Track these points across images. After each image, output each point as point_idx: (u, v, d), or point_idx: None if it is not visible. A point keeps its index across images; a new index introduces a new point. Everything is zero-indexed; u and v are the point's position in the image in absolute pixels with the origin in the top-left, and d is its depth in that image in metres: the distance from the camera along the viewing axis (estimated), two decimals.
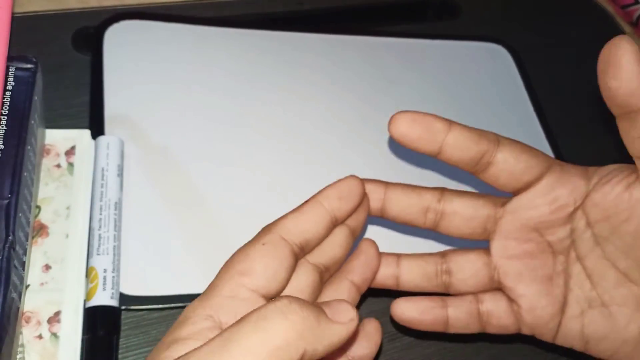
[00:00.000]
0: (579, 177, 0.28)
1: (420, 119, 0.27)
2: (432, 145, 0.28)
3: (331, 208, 0.27)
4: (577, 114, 0.46)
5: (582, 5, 0.54)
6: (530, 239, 0.29)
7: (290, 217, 0.27)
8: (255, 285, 0.25)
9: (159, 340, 0.32)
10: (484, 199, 0.30)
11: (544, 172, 0.28)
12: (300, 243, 0.26)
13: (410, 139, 0.28)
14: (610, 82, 0.25)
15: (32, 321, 0.31)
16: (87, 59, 0.40)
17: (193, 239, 0.35)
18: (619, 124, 0.26)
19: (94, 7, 0.44)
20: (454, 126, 0.28)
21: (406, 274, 0.31)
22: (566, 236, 0.29)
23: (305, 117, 0.41)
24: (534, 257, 0.29)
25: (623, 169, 0.27)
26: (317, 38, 0.45)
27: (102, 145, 0.35)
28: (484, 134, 0.28)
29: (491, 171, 0.28)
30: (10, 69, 0.32)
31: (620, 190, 0.27)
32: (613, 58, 0.24)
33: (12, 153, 0.30)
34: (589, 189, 0.28)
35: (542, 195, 0.29)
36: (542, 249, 0.29)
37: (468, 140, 0.28)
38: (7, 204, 0.28)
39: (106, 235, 0.32)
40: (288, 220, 0.27)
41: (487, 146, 0.28)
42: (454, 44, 0.48)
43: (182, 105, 0.40)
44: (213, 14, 0.45)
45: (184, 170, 0.37)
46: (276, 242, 0.26)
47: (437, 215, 0.30)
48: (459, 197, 0.30)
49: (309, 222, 0.27)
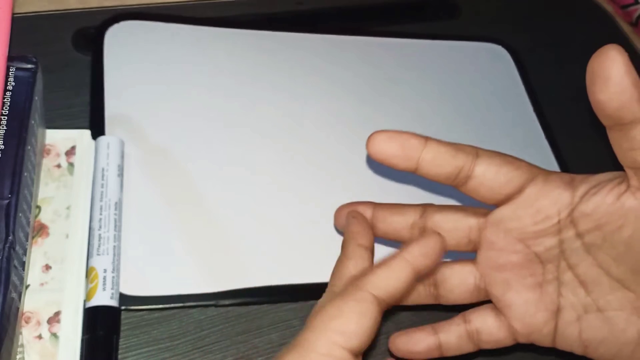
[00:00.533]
0: (564, 187, 0.28)
1: (395, 137, 0.28)
2: (408, 162, 0.28)
3: (416, 265, 0.27)
4: (577, 114, 0.46)
5: (582, 6, 0.54)
6: (516, 250, 0.29)
7: (379, 273, 0.27)
8: (350, 345, 0.25)
9: (158, 340, 0.32)
10: (466, 211, 0.31)
11: (526, 183, 0.28)
12: (387, 300, 0.27)
13: (386, 156, 0.28)
14: (598, 95, 0.24)
15: (32, 321, 0.31)
16: (88, 59, 0.40)
17: (193, 239, 0.35)
18: (610, 134, 0.26)
19: (94, 8, 0.44)
20: (430, 142, 0.28)
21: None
22: (554, 246, 0.29)
23: (305, 117, 0.41)
24: (522, 266, 0.29)
25: (613, 177, 0.27)
26: (316, 38, 0.45)
27: (103, 145, 0.35)
28: (461, 148, 0.29)
29: (470, 185, 0.29)
30: (11, 69, 0.32)
31: (611, 200, 0.26)
32: (601, 70, 0.24)
33: (12, 153, 0.30)
34: (575, 200, 0.28)
35: (524, 207, 0.29)
36: (529, 259, 0.29)
37: (444, 154, 0.28)
38: (7, 204, 0.28)
39: (106, 235, 0.32)
40: (377, 277, 0.27)
41: (464, 161, 0.28)
42: (453, 44, 0.48)
43: (182, 106, 0.40)
44: (213, 14, 0.45)
45: (184, 170, 0.37)
46: (369, 301, 0.26)
47: (421, 230, 0.31)
48: (441, 212, 0.31)
49: (397, 280, 0.27)
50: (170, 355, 0.32)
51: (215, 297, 0.33)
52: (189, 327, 0.33)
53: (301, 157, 0.39)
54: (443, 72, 0.46)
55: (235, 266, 0.35)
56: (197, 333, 0.33)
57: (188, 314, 0.33)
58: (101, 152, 0.35)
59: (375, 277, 0.27)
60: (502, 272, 0.30)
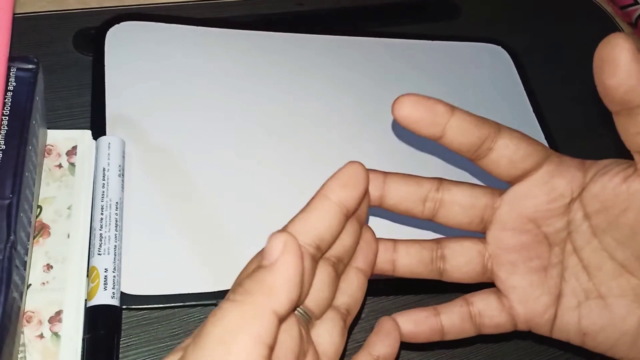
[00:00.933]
0: (576, 168, 0.29)
1: (423, 102, 0.27)
2: (434, 128, 0.28)
3: (339, 199, 0.26)
4: (576, 115, 0.46)
5: (581, 6, 0.54)
6: (527, 230, 0.29)
7: (299, 218, 0.26)
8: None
9: (159, 339, 0.32)
10: (482, 189, 0.30)
11: (542, 161, 0.29)
12: (314, 243, 0.25)
13: (413, 120, 0.27)
14: (607, 80, 0.25)
15: (33, 321, 0.31)
16: (89, 60, 0.40)
17: (194, 238, 0.35)
18: (617, 120, 0.26)
19: (94, 8, 0.44)
20: (457, 110, 0.28)
21: (402, 259, 0.31)
22: (563, 228, 0.29)
23: (305, 117, 0.41)
24: (530, 248, 0.30)
25: (620, 163, 0.28)
26: (316, 39, 0.45)
27: (104, 145, 0.35)
28: (485, 120, 0.28)
29: (492, 157, 0.28)
30: (12, 70, 0.32)
31: (618, 182, 0.27)
32: (609, 55, 0.24)
33: (13, 153, 0.30)
34: (586, 181, 0.28)
35: (540, 184, 0.29)
36: (538, 240, 0.30)
37: (470, 124, 0.28)
38: (9, 203, 0.28)
39: (107, 235, 0.32)
40: (297, 222, 0.25)
41: (488, 131, 0.28)
42: (453, 44, 0.48)
43: (183, 106, 0.40)
44: (213, 15, 0.45)
45: (185, 170, 0.37)
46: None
47: (435, 204, 0.30)
48: (457, 186, 0.30)
49: (319, 220, 0.25)
50: None
51: (216, 296, 0.33)
52: (189, 326, 0.33)
53: (301, 156, 0.39)
54: (443, 73, 0.46)
55: (235, 265, 0.34)
56: None
57: (188, 313, 0.33)
58: (102, 152, 0.35)
59: (296, 222, 0.25)
60: (510, 253, 0.30)
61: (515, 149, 0.28)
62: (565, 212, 0.29)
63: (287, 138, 0.40)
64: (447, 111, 0.28)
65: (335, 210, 0.26)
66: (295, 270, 0.21)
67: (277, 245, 0.22)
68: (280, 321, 0.21)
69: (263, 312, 0.21)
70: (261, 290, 0.21)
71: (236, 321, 0.20)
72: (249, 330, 0.20)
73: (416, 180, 0.30)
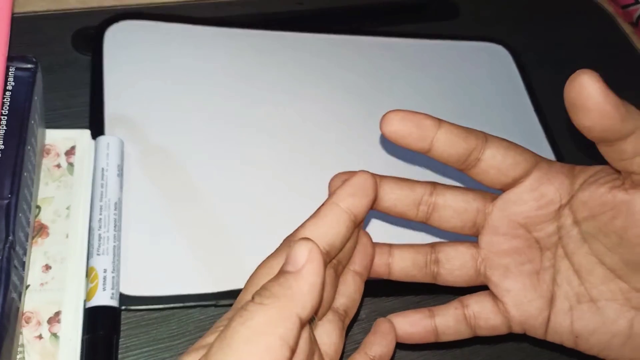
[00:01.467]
0: (565, 175, 0.29)
1: (410, 117, 0.28)
2: (422, 142, 0.28)
3: (348, 207, 0.27)
4: None
5: (582, 6, 0.54)
6: (518, 235, 0.30)
7: (309, 224, 0.27)
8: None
9: (158, 340, 0.32)
10: (474, 193, 0.31)
11: (531, 168, 0.29)
12: (325, 250, 0.26)
13: (401, 135, 0.28)
14: (582, 121, 0.25)
15: (32, 321, 0.31)
16: (87, 59, 0.40)
17: (193, 239, 0.35)
18: (600, 148, 0.26)
19: (94, 7, 0.44)
20: (443, 123, 0.28)
21: (398, 263, 0.31)
22: (553, 232, 0.29)
23: (305, 116, 0.41)
24: (522, 252, 0.30)
25: (609, 172, 0.28)
26: (316, 38, 0.45)
27: (102, 145, 0.35)
28: (472, 131, 0.29)
29: (480, 167, 0.29)
30: (10, 69, 0.32)
31: (604, 191, 0.27)
32: (578, 99, 0.25)
33: (12, 153, 0.30)
34: (575, 188, 0.28)
35: (529, 191, 0.29)
36: (529, 244, 0.30)
37: (457, 136, 0.28)
38: (7, 204, 0.28)
39: (106, 235, 0.32)
40: (308, 228, 0.27)
41: (475, 142, 0.29)
42: (453, 44, 0.48)
43: (182, 105, 0.40)
44: (213, 14, 0.45)
45: (184, 170, 0.37)
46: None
47: (429, 207, 0.30)
48: (451, 190, 0.31)
49: (329, 227, 0.27)
50: (170, 355, 0.32)
51: (215, 297, 0.33)
52: (188, 327, 0.33)
53: (302, 156, 0.39)
54: (443, 72, 0.46)
55: (235, 266, 0.35)
56: (197, 333, 0.33)
57: (188, 314, 0.33)
58: (101, 152, 0.35)
59: (306, 228, 0.26)
60: (503, 257, 0.30)
61: (502, 159, 0.29)
62: (555, 218, 0.29)
63: (288, 137, 0.40)
64: (434, 125, 0.28)
65: (345, 218, 0.27)
66: (319, 277, 0.22)
67: (302, 252, 0.22)
68: (302, 325, 0.22)
69: (289, 315, 0.21)
70: (287, 295, 0.21)
71: (263, 323, 0.21)
72: (275, 332, 0.21)
73: (410, 184, 0.31)
